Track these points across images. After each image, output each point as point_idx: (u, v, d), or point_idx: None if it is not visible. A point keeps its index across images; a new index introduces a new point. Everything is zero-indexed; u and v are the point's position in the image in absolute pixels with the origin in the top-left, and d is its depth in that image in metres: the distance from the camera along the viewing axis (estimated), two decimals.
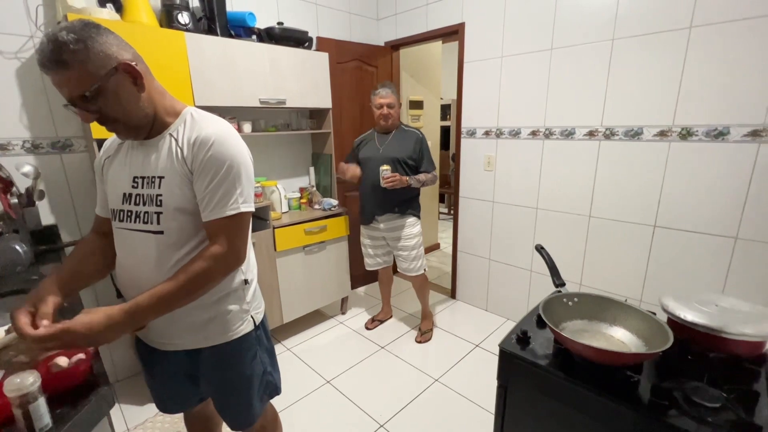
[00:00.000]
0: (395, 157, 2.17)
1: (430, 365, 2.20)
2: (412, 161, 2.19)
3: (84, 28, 0.75)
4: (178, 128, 0.89)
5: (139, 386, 2.01)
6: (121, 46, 0.81)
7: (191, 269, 0.83)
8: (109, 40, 0.78)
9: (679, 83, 1.75)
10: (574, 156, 2.17)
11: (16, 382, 0.62)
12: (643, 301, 2.01)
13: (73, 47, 0.72)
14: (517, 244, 2.53)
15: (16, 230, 1.48)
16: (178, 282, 0.82)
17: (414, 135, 2.22)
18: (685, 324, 0.91)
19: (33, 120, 1.74)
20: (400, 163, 2.17)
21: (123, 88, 0.80)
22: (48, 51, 0.72)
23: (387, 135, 2.25)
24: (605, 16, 1.92)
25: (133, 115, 0.83)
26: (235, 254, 0.89)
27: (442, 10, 2.66)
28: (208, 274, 0.85)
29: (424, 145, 2.22)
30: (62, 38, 0.71)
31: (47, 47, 0.72)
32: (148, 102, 0.85)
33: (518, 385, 1.00)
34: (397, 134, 2.24)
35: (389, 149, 2.20)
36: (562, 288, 1.12)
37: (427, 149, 2.23)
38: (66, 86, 0.75)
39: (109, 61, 0.77)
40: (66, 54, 0.72)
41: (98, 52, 0.75)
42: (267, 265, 2.23)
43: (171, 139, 0.88)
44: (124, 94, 0.80)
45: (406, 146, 2.18)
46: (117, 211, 0.93)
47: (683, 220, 1.84)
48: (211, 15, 2.02)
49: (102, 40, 0.76)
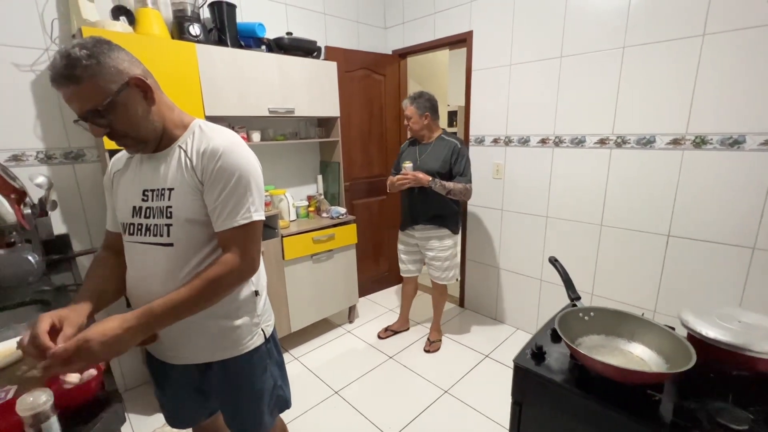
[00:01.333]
0: (431, 169, 2.14)
1: (440, 376, 2.17)
2: (446, 173, 2.15)
3: (96, 44, 0.76)
4: (186, 140, 0.90)
5: (147, 395, 2.00)
6: (131, 61, 0.82)
7: (207, 276, 0.83)
8: (120, 56, 0.80)
9: (693, 90, 1.73)
10: (584, 164, 2.14)
11: (29, 401, 0.62)
12: (657, 312, 1.97)
13: (85, 62, 0.73)
14: (527, 253, 2.50)
15: (28, 240, 1.49)
16: (193, 288, 0.82)
17: (450, 144, 2.17)
18: (707, 341, 0.88)
19: (47, 131, 1.77)
20: (436, 175, 2.13)
21: (134, 102, 0.81)
22: (61, 66, 0.73)
23: (427, 145, 2.23)
24: (616, 24, 1.90)
25: (143, 129, 0.84)
26: (250, 262, 0.89)
27: (450, 18, 2.66)
28: (223, 281, 0.85)
29: (460, 155, 2.14)
30: (75, 54, 0.73)
31: (60, 63, 0.73)
32: (157, 116, 0.86)
33: (533, 402, 0.98)
34: (435, 145, 2.21)
35: (426, 160, 2.19)
36: (578, 302, 1.09)
37: (462, 159, 2.14)
38: (78, 101, 0.76)
39: (120, 76, 0.78)
40: (79, 69, 0.73)
41: (110, 68, 0.77)
42: (275, 273, 2.23)
43: (180, 151, 0.89)
44: (135, 108, 0.82)
45: (443, 157, 2.15)
46: (127, 224, 0.93)
47: (698, 230, 1.81)
48: (221, 26, 2.04)
49: (114, 56, 0.78)
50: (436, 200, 2.17)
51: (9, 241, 1.45)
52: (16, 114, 1.68)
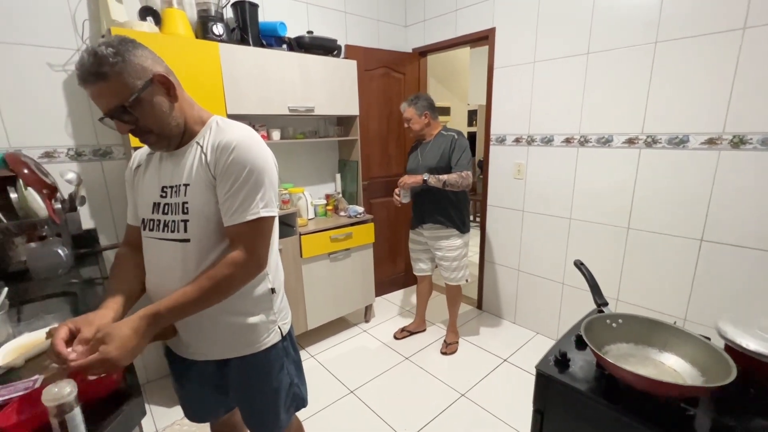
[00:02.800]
0: (431, 167, 2.14)
1: (456, 379, 2.13)
2: (446, 166, 2.13)
3: (121, 42, 0.78)
4: (204, 136, 0.91)
5: (168, 388, 2.05)
6: (155, 59, 0.84)
7: (212, 274, 0.84)
8: (144, 53, 0.82)
9: (731, 88, 1.64)
10: (611, 164, 2.06)
11: (54, 391, 0.63)
12: (688, 320, 1.88)
13: (112, 60, 0.75)
14: (548, 256, 2.43)
15: (58, 234, 1.55)
16: (199, 286, 0.83)
17: (448, 138, 2.15)
18: (748, 353, 0.82)
19: (77, 129, 1.83)
20: (436, 171, 2.12)
21: (158, 99, 0.83)
22: (89, 64, 0.75)
23: (427, 144, 2.23)
24: (648, 18, 1.82)
25: (166, 125, 0.86)
26: (256, 260, 0.89)
27: (471, 15, 2.62)
28: (228, 279, 0.85)
29: (457, 146, 2.10)
30: (102, 52, 0.75)
31: (88, 60, 0.75)
32: (179, 112, 0.88)
33: (556, 411, 0.94)
34: (434, 142, 2.20)
35: (426, 158, 2.19)
36: (605, 308, 1.05)
37: (459, 147, 2.10)
38: (105, 98, 0.78)
39: (145, 73, 0.80)
40: (106, 66, 0.75)
41: (135, 65, 0.79)
42: (293, 271, 2.24)
43: (197, 147, 0.90)
44: (159, 104, 0.83)
45: (441, 152, 2.13)
46: (147, 220, 0.95)
47: (734, 235, 1.71)
48: (244, 26, 2.06)
49: (138, 54, 0.80)
50: (441, 199, 2.15)
51: (41, 235, 1.51)
52: (49, 112, 1.75)
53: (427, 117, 2.19)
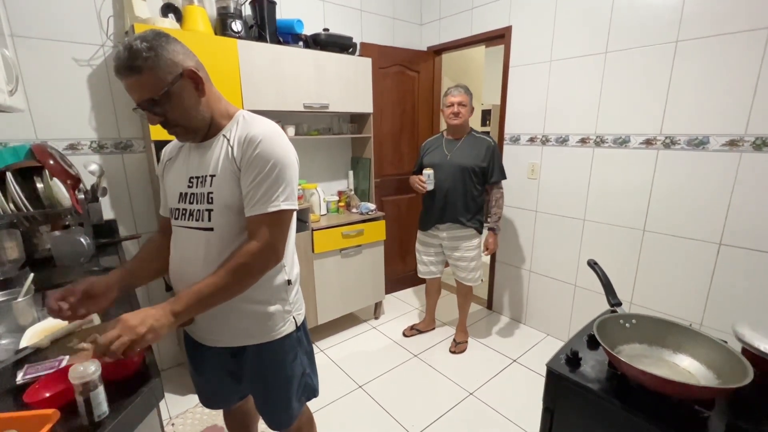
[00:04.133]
0: (464, 165, 2.10)
1: (465, 377, 2.13)
2: (480, 170, 2.11)
3: (156, 37, 0.82)
4: (231, 129, 0.93)
5: (181, 377, 2.10)
6: (186, 54, 0.87)
7: (230, 265, 0.86)
8: (176, 48, 0.85)
9: (755, 88, 1.60)
10: (627, 165, 2.03)
11: (80, 370, 0.66)
12: (704, 325, 1.84)
13: (146, 54, 0.79)
14: (561, 257, 2.41)
15: (81, 224, 1.60)
16: (219, 278, 0.85)
17: (485, 142, 2.13)
18: (765, 357, 0.81)
19: (100, 122, 1.88)
20: (469, 171, 2.10)
21: (187, 93, 0.86)
22: (124, 58, 0.79)
23: (456, 141, 2.18)
24: (669, 17, 1.79)
25: (194, 119, 0.89)
26: (273, 250, 0.90)
27: (488, 13, 2.60)
28: (246, 269, 0.87)
29: (496, 153, 2.12)
30: (137, 47, 0.78)
31: (123, 54, 0.79)
32: (206, 106, 0.91)
33: (566, 410, 0.94)
34: (467, 140, 2.17)
35: (458, 156, 2.14)
36: (618, 308, 1.04)
37: (498, 158, 2.14)
38: (138, 90, 0.82)
39: (175, 67, 0.83)
40: (139, 60, 0.79)
41: (167, 60, 0.82)
42: (304, 266, 2.27)
43: (224, 140, 0.92)
44: (188, 98, 0.86)
45: (476, 154, 2.11)
46: (174, 209, 0.99)
47: (755, 239, 1.67)
48: (261, 23, 2.10)
49: (171, 48, 0.83)
50: (467, 198, 2.14)
51: (64, 224, 1.56)
52: (73, 106, 1.81)
53: (471, 113, 2.18)
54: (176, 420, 1.81)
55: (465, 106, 2.11)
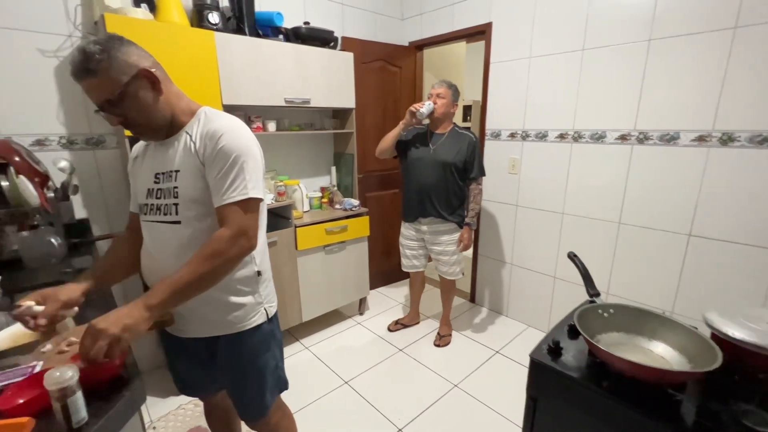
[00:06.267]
0: (446, 161, 2.11)
1: (450, 370, 2.16)
2: (462, 165, 2.13)
3: (109, 40, 0.84)
4: (193, 126, 0.96)
5: (162, 379, 2.04)
6: (141, 55, 0.89)
7: (202, 253, 0.86)
8: (130, 50, 0.86)
9: (721, 85, 1.67)
10: (604, 160, 2.10)
11: (55, 375, 0.63)
12: (675, 313, 1.93)
13: (98, 57, 0.81)
14: (541, 250, 2.47)
15: (51, 223, 1.53)
16: (192, 267, 0.85)
17: (467, 138, 2.14)
18: (732, 341, 0.85)
19: (69, 117, 1.80)
20: (451, 167, 2.11)
21: (143, 93, 0.88)
22: (78, 62, 0.81)
23: (441, 135, 2.19)
24: (643, 16, 1.84)
25: (153, 117, 0.91)
26: (246, 236, 0.90)
27: (468, 9, 2.62)
28: (219, 255, 0.87)
29: (477, 150, 2.14)
30: (89, 50, 0.80)
31: (77, 58, 0.81)
32: (166, 105, 0.93)
33: (549, 398, 0.97)
34: (450, 135, 2.17)
35: (441, 151, 2.14)
36: (597, 298, 1.07)
37: (479, 154, 2.15)
38: (94, 92, 0.84)
39: (130, 68, 0.85)
40: (93, 63, 0.80)
41: (121, 61, 0.84)
42: (288, 263, 2.24)
43: (186, 136, 0.95)
44: (145, 97, 0.88)
45: (458, 149, 2.12)
46: (142, 205, 1.01)
47: (721, 230, 1.76)
48: (240, 15, 2.04)
49: (124, 50, 0.85)
50: (449, 193, 2.15)
51: (33, 224, 1.49)
52: (39, 99, 1.72)
53: (454, 108, 2.19)
54: (158, 423, 1.77)
55: (443, 99, 2.13)
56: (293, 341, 2.45)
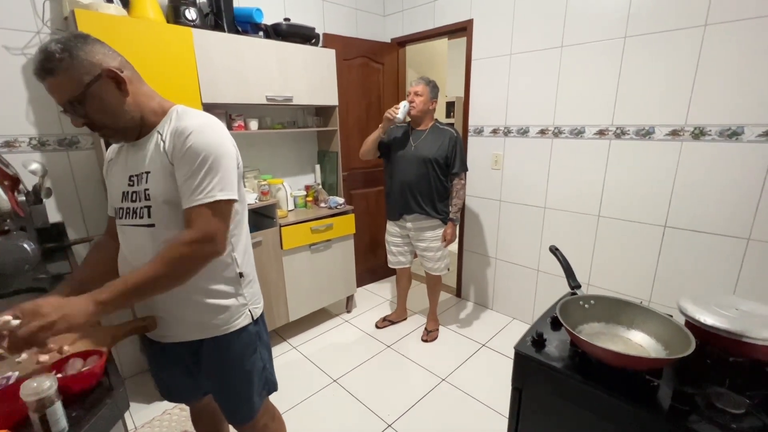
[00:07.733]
0: (427, 157, 2.11)
1: (437, 364, 2.19)
2: (444, 161, 2.14)
3: (71, 39, 0.81)
4: (164, 124, 0.93)
5: (145, 384, 2.00)
6: (107, 54, 0.85)
7: (161, 254, 0.84)
8: (94, 49, 0.83)
9: (693, 82, 1.73)
10: (583, 155, 2.15)
11: (32, 386, 0.61)
12: (652, 301, 2.00)
13: (59, 56, 0.78)
14: (524, 244, 2.52)
15: (23, 228, 1.47)
16: (149, 267, 0.82)
17: (448, 133, 2.15)
18: (705, 328, 0.89)
19: (40, 117, 1.73)
20: (432, 163, 2.12)
21: (108, 93, 0.84)
22: (38, 61, 0.79)
23: (422, 132, 2.19)
24: (618, 14, 1.89)
25: (119, 118, 0.88)
26: (210, 240, 0.87)
27: (449, 6, 2.63)
28: (178, 258, 0.84)
29: (459, 145, 2.15)
30: (50, 49, 0.78)
31: (38, 57, 0.79)
32: (134, 105, 0.89)
33: (533, 388, 0.99)
34: (432, 131, 2.18)
35: (422, 147, 2.14)
36: (578, 290, 1.10)
37: (461, 149, 2.16)
38: (56, 92, 0.81)
39: (93, 68, 0.82)
40: (53, 63, 0.78)
41: (83, 61, 0.80)
42: (273, 263, 2.22)
43: (157, 136, 0.92)
44: (109, 98, 0.85)
45: (440, 145, 2.13)
46: (118, 209, 0.98)
47: (694, 221, 1.83)
48: (218, 11, 2.00)
49: (88, 49, 0.82)
50: (432, 189, 2.16)
51: (3, 229, 1.43)
52: (7, 99, 1.65)
53: (433, 104, 2.19)
54: (142, 429, 1.73)
55: (421, 96, 2.13)
56: (281, 341, 2.43)
